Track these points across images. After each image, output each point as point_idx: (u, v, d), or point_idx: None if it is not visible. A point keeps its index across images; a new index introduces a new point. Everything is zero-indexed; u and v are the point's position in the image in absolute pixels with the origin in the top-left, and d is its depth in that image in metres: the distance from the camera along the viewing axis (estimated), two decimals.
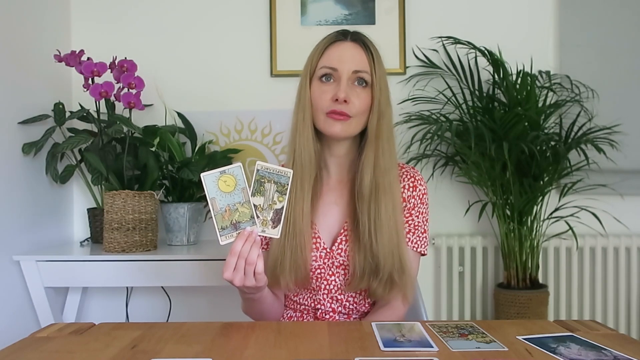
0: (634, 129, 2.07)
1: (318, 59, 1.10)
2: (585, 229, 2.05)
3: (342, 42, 1.10)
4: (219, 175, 0.92)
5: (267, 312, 1.11)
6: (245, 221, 0.93)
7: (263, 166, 0.94)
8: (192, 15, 2.17)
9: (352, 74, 1.07)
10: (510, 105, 1.89)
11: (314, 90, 1.09)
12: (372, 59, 1.08)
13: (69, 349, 0.82)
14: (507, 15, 2.15)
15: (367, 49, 1.09)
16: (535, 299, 1.89)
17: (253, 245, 0.92)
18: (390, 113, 1.12)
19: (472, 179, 1.96)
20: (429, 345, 0.81)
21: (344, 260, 1.10)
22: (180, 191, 1.91)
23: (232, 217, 0.93)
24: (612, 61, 2.13)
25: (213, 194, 0.92)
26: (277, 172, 0.95)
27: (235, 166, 0.93)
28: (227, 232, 0.93)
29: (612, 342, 0.82)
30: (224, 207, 0.92)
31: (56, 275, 1.74)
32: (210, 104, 2.15)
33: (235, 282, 0.94)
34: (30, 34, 1.87)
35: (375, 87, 1.08)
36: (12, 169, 1.76)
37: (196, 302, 2.15)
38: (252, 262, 0.93)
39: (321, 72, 1.09)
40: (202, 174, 0.92)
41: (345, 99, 1.05)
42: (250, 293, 1.01)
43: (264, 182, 0.94)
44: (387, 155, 1.08)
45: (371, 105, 1.08)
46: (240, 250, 0.92)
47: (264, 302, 1.08)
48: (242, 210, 0.93)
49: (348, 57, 1.08)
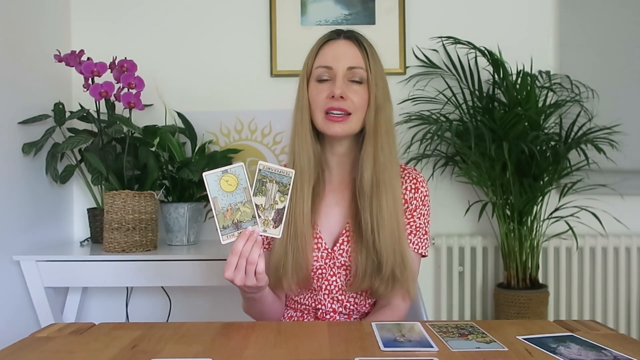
0: (634, 129, 2.07)
1: (313, 60, 1.11)
2: (585, 229, 2.05)
3: (336, 41, 1.10)
4: (221, 174, 0.92)
5: (267, 312, 1.11)
6: (247, 221, 0.93)
7: (265, 166, 0.95)
8: (192, 15, 2.17)
9: (347, 71, 1.07)
10: (510, 105, 1.89)
11: (311, 90, 1.10)
12: (366, 54, 1.09)
13: (69, 349, 0.82)
14: (507, 15, 2.15)
15: (361, 46, 1.09)
16: (535, 299, 1.89)
17: (254, 245, 0.92)
18: (390, 108, 1.12)
19: (472, 179, 1.96)
20: (429, 345, 0.81)
21: (345, 260, 1.10)
22: (180, 191, 1.91)
23: (233, 217, 0.93)
24: (612, 61, 2.12)
25: (215, 193, 0.92)
26: (279, 172, 0.95)
27: (237, 166, 0.93)
28: (228, 231, 0.93)
29: (612, 342, 0.82)
30: (225, 207, 0.92)
31: (56, 275, 1.74)
32: (210, 104, 2.15)
33: (236, 282, 0.94)
34: (30, 34, 1.87)
35: (372, 82, 1.08)
36: (12, 169, 1.76)
37: (196, 302, 2.15)
38: (253, 262, 0.93)
39: (317, 72, 1.09)
40: (204, 173, 0.92)
41: (342, 95, 1.06)
42: (251, 292, 1.01)
43: (266, 182, 0.94)
44: (387, 150, 1.08)
45: (368, 100, 1.09)
46: (242, 250, 0.92)
47: (265, 302, 1.08)
48: (243, 209, 0.93)
49: (342, 54, 1.08)
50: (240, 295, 1.06)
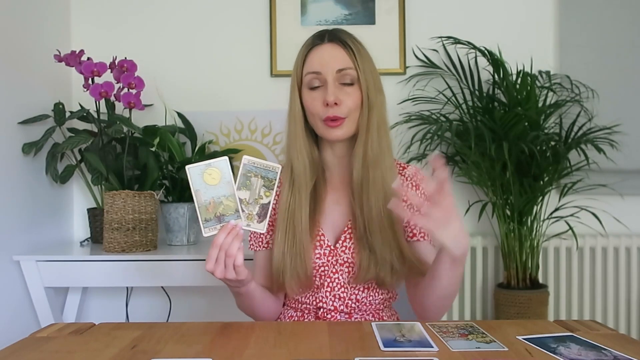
0: (634, 129, 2.06)
1: (302, 66, 1.12)
2: (585, 229, 2.05)
3: (320, 46, 1.11)
4: (204, 168, 0.93)
5: (258, 309, 1.12)
6: (230, 214, 0.94)
7: (250, 160, 0.95)
8: (192, 15, 2.17)
9: (336, 74, 1.08)
10: (510, 105, 1.89)
11: (306, 99, 1.11)
12: (352, 53, 1.09)
13: (69, 349, 0.82)
14: (507, 15, 2.15)
15: (346, 46, 1.10)
16: (535, 299, 1.89)
17: (235, 238, 0.93)
18: (382, 101, 1.12)
19: (472, 179, 1.96)
20: (429, 345, 0.81)
21: (348, 258, 1.11)
22: (180, 191, 1.91)
23: (216, 210, 0.94)
24: (612, 61, 2.12)
25: (197, 186, 0.93)
26: (264, 167, 0.96)
27: (221, 159, 0.94)
28: (210, 224, 0.94)
29: (612, 342, 0.82)
30: (208, 200, 0.93)
31: (56, 275, 1.74)
32: (210, 104, 2.15)
33: (216, 274, 0.95)
34: (30, 34, 1.87)
35: (362, 80, 1.09)
36: (12, 169, 1.76)
37: (196, 302, 2.15)
38: (232, 255, 0.94)
39: (307, 79, 1.10)
40: (188, 166, 0.93)
41: (336, 102, 1.07)
42: (235, 286, 1.03)
43: (251, 177, 0.95)
44: (376, 146, 1.09)
45: (362, 100, 1.10)
46: (222, 243, 0.93)
47: (253, 298, 1.08)
48: (226, 203, 0.94)
49: (328, 58, 1.09)
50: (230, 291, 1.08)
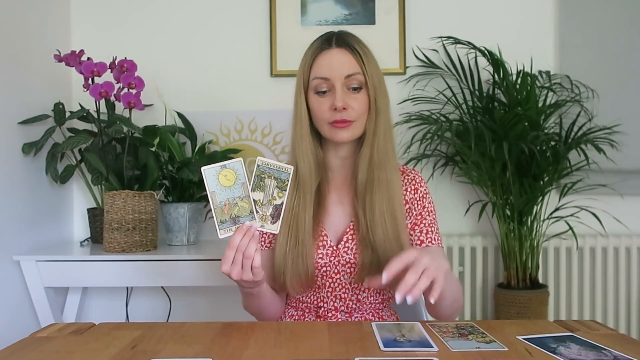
0: (634, 129, 2.07)
1: (309, 70, 1.12)
2: (585, 229, 2.05)
3: (328, 51, 1.10)
4: (219, 169, 0.93)
5: (266, 309, 1.12)
6: (245, 216, 0.94)
7: (264, 162, 0.95)
8: (192, 15, 2.16)
9: (345, 79, 1.08)
10: (510, 105, 1.90)
11: (312, 103, 1.11)
12: (360, 59, 1.09)
13: (69, 349, 0.82)
14: (507, 15, 2.15)
15: (354, 51, 1.10)
16: (535, 299, 1.89)
17: (251, 239, 0.93)
18: (387, 103, 1.13)
19: (472, 179, 1.96)
20: (429, 345, 0.81)
21: (350, 258, 1.11)
22: (180, 191, 1.91)
23: (231, 211, 0.94)
24: (612, 61, 2.13)
25: (213, 187, 0.93)
26: (277, 168, 0.96)
27: (236, 161, 0.94)
28: (226, 225, 0.94)
29: (612, 342, 0.82)
30: (223, 201, 0.93)
31: (56, 275, 1.74)
32: (210, 104, 2.15)
33: (232, 276, 0.95)
34: (31, 34, 1.87)
35: (370, 85, 1.09)
36: (12, 169, 1.76)
37: (196, 302, 2.15)
38: (250, 256, 0.93)
39: (314, 84, 1.10)
40: (203, 168, 0.93)
41: (344, 107, 1.07)
42: (249, 287, 1.02)
43: (264, 178, 0.95)
44: (382, 149, 1.10)
45: (369, 105, 1.10)
46: (239, 244, 0.93)
47: (264, 298, 1.08)
48: (241, 204, 0.94)
49: (337, 64, 1.09)
50: (240, 291, 1.07)
